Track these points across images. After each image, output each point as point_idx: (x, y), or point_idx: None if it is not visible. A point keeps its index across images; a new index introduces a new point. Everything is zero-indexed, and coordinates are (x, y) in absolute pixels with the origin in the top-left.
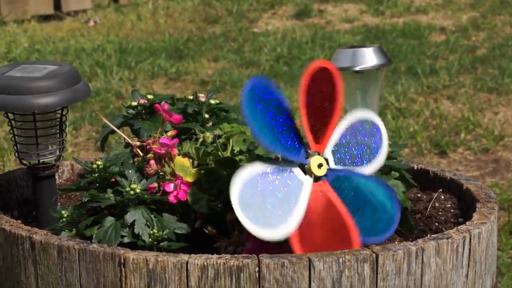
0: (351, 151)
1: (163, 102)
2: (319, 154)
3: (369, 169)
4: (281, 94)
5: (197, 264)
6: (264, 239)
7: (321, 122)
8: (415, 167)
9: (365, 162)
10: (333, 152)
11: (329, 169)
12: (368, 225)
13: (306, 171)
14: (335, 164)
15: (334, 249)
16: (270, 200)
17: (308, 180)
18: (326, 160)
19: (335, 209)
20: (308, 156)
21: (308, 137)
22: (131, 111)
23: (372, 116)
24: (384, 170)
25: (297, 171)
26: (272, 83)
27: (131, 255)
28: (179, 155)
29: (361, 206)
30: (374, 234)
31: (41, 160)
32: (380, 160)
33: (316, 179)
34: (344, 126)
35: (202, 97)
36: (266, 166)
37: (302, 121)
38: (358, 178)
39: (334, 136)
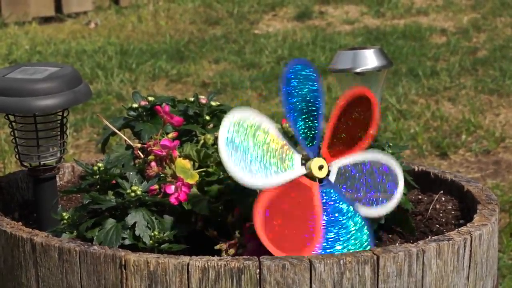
0: (355, 182)
1: (164, 104)
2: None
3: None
4: (323, 93)
5: (198, 266)
6: (233, 177)
7: (343, 141)
8: (416, 168)
9: (372, 203)
10: (339, 171)
11: (327, 180)
12: (330, 244)
13: (306, 164)
14: (334, 180)
15: (289, 242)
16: (258, 155)
17: (300, 170)
18: (328, 172)
19: (312, 208)
20: (315, 155)
21: (325, 143)
22: (132, 113)
23: (395, 166)
24: None
25: (297, 157)
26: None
27: (132, 257)
28: (180, 157)
29: (334, 226)
30: (332, 251)
31: (42, 162)
32: (385, 209)
33: (310, 178)
34: (362, 157)
35: (203, 99)
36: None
37: (327, 130)
38: (347, 205)
39: (349, 159)
